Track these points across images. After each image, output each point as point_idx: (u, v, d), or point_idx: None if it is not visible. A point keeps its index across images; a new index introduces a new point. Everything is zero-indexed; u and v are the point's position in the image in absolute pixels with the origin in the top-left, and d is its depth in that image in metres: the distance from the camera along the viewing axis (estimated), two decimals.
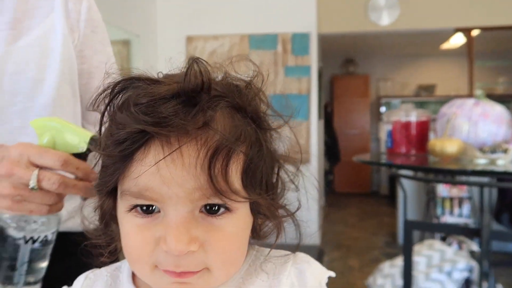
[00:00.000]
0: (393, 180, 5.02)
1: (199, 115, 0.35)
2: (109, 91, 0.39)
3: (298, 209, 0.46)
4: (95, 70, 0.76)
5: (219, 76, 0.41)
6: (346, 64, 6.46)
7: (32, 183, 0.48)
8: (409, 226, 1.50)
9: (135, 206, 0.37)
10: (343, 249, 3.71)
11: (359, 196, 6.07)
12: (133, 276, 0.45)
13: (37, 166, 0.49)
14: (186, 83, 0.36)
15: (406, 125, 1.66)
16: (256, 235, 0.44)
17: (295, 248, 0.46)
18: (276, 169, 0.44)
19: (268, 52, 3.66)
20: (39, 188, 0.48)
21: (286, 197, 0.47)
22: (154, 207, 0.37)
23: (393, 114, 1.74)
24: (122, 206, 0.39)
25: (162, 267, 0.37)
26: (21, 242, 0.52)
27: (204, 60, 0.38)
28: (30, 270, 0.54)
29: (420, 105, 6.06)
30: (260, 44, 3.67)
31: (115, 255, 0.44)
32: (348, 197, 6.03)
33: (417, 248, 2.04)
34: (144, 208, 0.37)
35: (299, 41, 3.63)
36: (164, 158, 0.34)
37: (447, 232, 2.29)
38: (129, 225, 0.38)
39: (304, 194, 0.46)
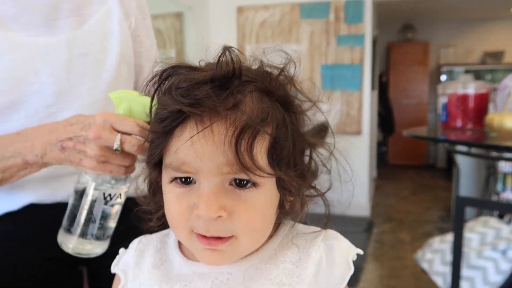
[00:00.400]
0: (451, 153, 4.80)
1: (229, 98, 0.40)
2: (157, 77, 0.44)
3: (328, 189, 0.48)
4: (147, 53, 0.83)
5: (254, 65, 0.45)
6: (404, 31, 6.10)
7: (116, 145, 0.56)
8: (461, 202, 1.45)
9: (175, 178, 0.43)
10: (394, 222, 3.66)
11: (414, 169, 5.88)
12: (179, 241, 0.50)
13: (118, 131, 0.56)
14: (218, 69, 0.40)
15: (463, 98, 1.57)
16: (283, 210, 0.47)
17: (324, 225, 0.49)
18: (307, 151, 0.47)
19: (319, 21, 3.57)
20: (121, 150, 0.56)
21: (329, 174, 0.50)
22: (191, 179, 0.42)
23: (449, 86, 1.65)
24: (165, 178, 0.44)
25: (194, 229, 0.42)
26: (98, 200, 0.61)
27: (236, 49, 0.42)
28: (103, 226, 0.63)
29: (486, 73, 5.64)
30: (311, 12, 3.58)
31: (161, 221, 0.49)
32: (402, 170, 5.87)
33: (470, 224, 1.97)
34: (183, 179, 0.42)
35: (352, 9, 3.49)
36: (197, 133, 0.39)
37: (502, 210, 2.18)
38: (170, 195, 0.44)
39: (353, 166, 0.49)
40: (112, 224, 0.64)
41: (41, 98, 0.69)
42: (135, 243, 0.53)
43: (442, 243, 1.96)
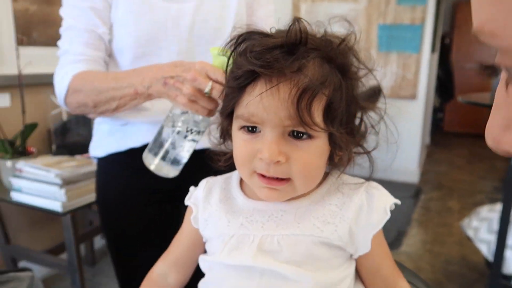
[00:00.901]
0: None
1: (295, 62, 0.47)
2: (234, 41, 0.51)
3: (374, 148, 0.55)
4: (262, 23, 0.92)
5: (318, 33, 0.50)
6: None
7: (207, 89, 0.67)
8: None
9: (244, 127, 0.51)
10: (444, 190, 3.60)
11: (471, 137, 5.62)
12: (240, 182, 0.59)
13: (210, 79, 0.68)
14: (288, 37, 0.47)
15: None
16: (332, 163, 0.54)
17: (368, 178, 0.55)
18: (359, 114, 0.53)
19: None
20: (209, 94, 0.68)
21: (377, 135, 0.56)
22: (256, 128, 0.50)
23: None
24: (235, 126, 0.52)
25: (257, 171, 0.50)
26: (181, 132, 0.74)
27: (305, 20, 0.48)
28: (179, 155, 0.75)
29: None
30: None
31: (228, 162, 0.58)
32: (457, 137, 5.64)
33: None
34: (250, 128, 0.50)
35: None
36: (266, 91, 0.47)
37: None
38: (239, 140, 0.52)
39: (404, 131, 0.54)
40: (186, 154, 0.75)
41: (166, 54, 0.85)
42: (203, 182, 0.63)
43: (491, 212, 1.94)
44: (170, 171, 0.76)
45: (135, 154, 0.84)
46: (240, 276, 0.52)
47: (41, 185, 1.55)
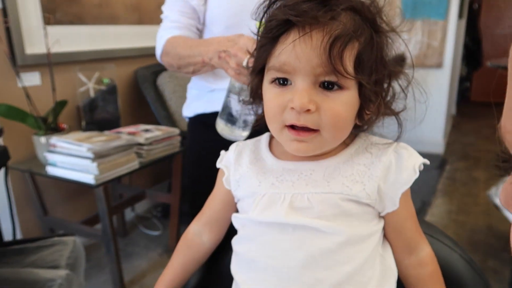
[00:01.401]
0: None
1: (328, 12, 0.48)
2: (267, 2, 0.52)
3: (402, 110, 0.55)
4: None
5: None
6: None
7: (244, 63, 0.76)
8: None
9: (275, 79, 0.52)
10: (470, 161, 3.54)
11: (499, 106, 5.39)
12: (269, 145, 0.61)
13: (249, 53, 0.74)
14: None
15: None
16: (362, 120, 0.55)
17: (396, 139, 0.56)
18: (387, 74, 0.53)
19: None
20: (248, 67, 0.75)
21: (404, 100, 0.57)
22: (287, 81, 0.51)
23: None
24: (267, 79, 0.54)
25: (287, 122, 0.51)
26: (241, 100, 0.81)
27: None
28: (243, 118, 0.82)
29: None
30: None
31: (257, 123, 0.62)
32: (485, 107, 5.46)
33: None
34: (281, 81, 0.52)
35: None
36: (299, 37, 0.48)
37: None
38: (270, 93, 0.53)
39: (430, 101, 0.55)
40: (250, 117, 0.81)
41: (246, 26, 0.89)
42: (233, 146, 0.65)
43: None
44: (238, 134, 0.82)
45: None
46: (273, 231, 0.54)
47: (74, 159, 1.62)
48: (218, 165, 0.65)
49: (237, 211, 0.64)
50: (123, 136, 1.80)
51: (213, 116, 0.96)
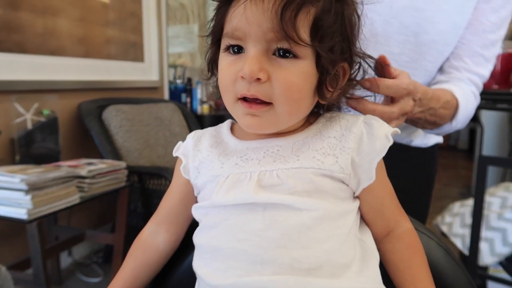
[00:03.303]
0: (473, 134, 4.73)
1: None
2: None
3: (362, 78, 0.55)
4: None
5: None
6: None
7: None
8: (484, 162, 1.47)
9: (228, 48, 0.49)
10: None
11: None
12: (231, 129, 0.57)
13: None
14: None
15: None
16: (323, 97, 0.51)
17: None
18: (346, 47, 0.51)
19: None
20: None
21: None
22: (242, 50, 0.48)
23: None
24: (221, 48, 0.50)
25: (239, 93, 0.48)
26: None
27: None
28: None
29: None
30: None
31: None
32: None
33: (491, 190, 1.99)
34: (235, 49, 0.48)
35: None
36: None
37: None
38: (223, 63, 0.50)
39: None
40: None
41: None
42: (192, 134, 0.60)
43: (462, 207, 1.99)
44: None
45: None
46: (241, 213, 0.49)
47: (4, 192, 1.45)
48: (174, 153, 0.59)
49: None
50: (63, 168, 1.66)
51: None
